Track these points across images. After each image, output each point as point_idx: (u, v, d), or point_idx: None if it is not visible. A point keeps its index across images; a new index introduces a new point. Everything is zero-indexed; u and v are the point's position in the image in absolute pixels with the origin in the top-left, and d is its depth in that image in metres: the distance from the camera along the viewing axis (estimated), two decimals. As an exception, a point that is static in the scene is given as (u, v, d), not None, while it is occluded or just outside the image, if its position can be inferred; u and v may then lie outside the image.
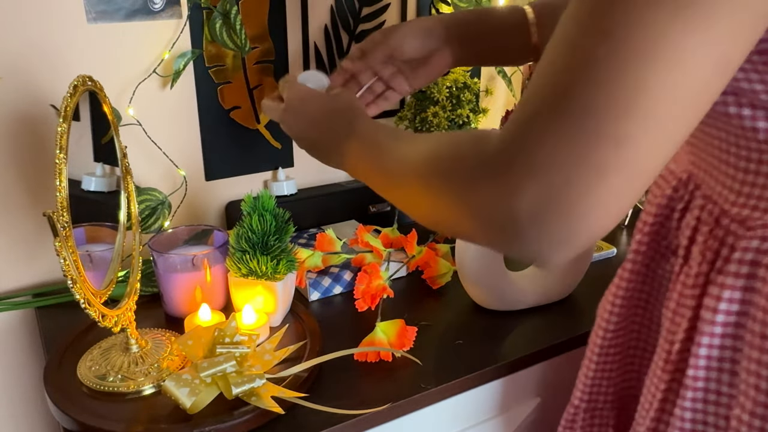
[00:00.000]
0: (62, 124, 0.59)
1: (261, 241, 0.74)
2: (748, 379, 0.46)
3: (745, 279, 0.46)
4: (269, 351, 0.71)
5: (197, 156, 0.97)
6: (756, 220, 0.45)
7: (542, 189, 0.35)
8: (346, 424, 0.64)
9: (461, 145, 0.42)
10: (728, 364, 0.48)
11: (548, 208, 0.36)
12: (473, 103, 1.08)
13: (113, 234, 0.73)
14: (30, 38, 0.81)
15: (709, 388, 0.50)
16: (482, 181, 0.39)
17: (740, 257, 0.46)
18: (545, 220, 0.36)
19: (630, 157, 0.34)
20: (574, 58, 0.34)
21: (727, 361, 0.48)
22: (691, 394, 0.50)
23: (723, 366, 0.49)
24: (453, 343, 0.78)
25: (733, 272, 0.46)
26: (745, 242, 0.45)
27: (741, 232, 0.46)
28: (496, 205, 0.38)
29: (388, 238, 0.93)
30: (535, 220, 0.36)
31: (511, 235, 0.38)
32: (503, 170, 0.37)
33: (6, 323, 0.90)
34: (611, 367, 0.62)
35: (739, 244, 0.46)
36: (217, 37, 0.90)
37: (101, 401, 0.65)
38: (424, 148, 0.47)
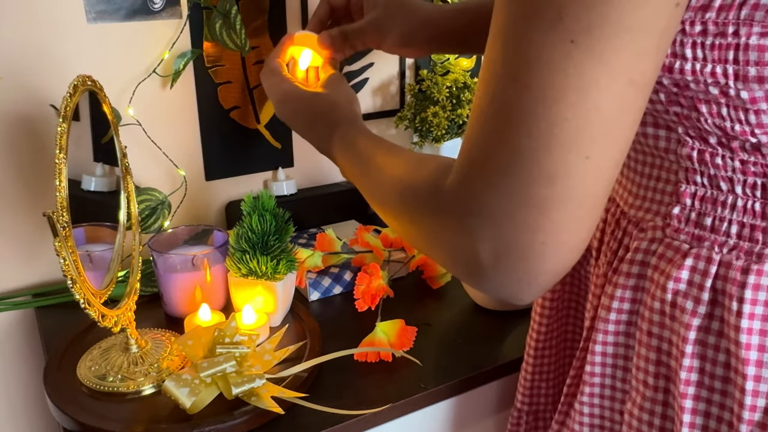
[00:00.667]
0: (62, 124, 0.59)
1: (261, 241, 0.74)
2: (637, 374, 0.48)
3: (635, 278, 0.48)
4: (269, 351, 0.71)
5: (197, 156, 0.97)
6: (648, 221, 0.47)
7: (496, 234, 0.37)
8: (346, 424, 0.64)
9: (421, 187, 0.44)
10: (621, 361, 0.51)
11: (506, 252, 0.37)
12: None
13: (113, 234, 0.73)
14: (30, 38, 0.81)
15: (605, 384, 0.52)
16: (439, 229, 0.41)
17: (631, 257, 0.48)
18: (506, 263, 0.37)
19: (565, 190, 0.35)
20: (493, 106, 0.36)
21: (621, 357, 0.51)
22: (589, 390, 0.53)
23: (617, 363, 0.51)
24: (453, 343, 0.78)
25: (625, 272, 0.48)
26: (637, 243, 0.48)
27: (635, 234, 0.48)
28: (461, 249, 0.39)
29: (388, 238, 0.93)
30: (497, 265, 0.38)
31: (480, 276, 0.39)
32: (459, 218, 0.39)
33: (6, 323, 0.90)
34: (548, 369, 0.64)
35: (632, 244, 0.48)
36: (217, 37, 0.90)
37: (101, 401, 0.65)
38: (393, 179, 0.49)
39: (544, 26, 0.33)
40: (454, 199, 0.39)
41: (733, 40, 0.36)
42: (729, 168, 0.42)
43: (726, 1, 0.36)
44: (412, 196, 0.45)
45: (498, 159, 0.36)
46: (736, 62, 0.37)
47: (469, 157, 0.38)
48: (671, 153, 0.45)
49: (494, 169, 0.36)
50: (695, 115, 0.41)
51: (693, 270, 0.44)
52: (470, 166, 0.38)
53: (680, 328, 0.45)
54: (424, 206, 0.43)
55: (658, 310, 0.46)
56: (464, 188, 0.38)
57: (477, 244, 0.38)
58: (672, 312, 0.45)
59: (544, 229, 0.36)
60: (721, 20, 0.37)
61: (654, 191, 0.47)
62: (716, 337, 0.44)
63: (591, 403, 0.53)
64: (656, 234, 0.46)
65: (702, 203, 0.44)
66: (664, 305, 0.46)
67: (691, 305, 0.44)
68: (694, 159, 0.43)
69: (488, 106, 0.36)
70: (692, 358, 0.45)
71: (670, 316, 0.46)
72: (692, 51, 0.38)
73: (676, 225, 0.45)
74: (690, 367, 0.45)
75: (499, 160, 0.36)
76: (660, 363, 0.47)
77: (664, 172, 0.46)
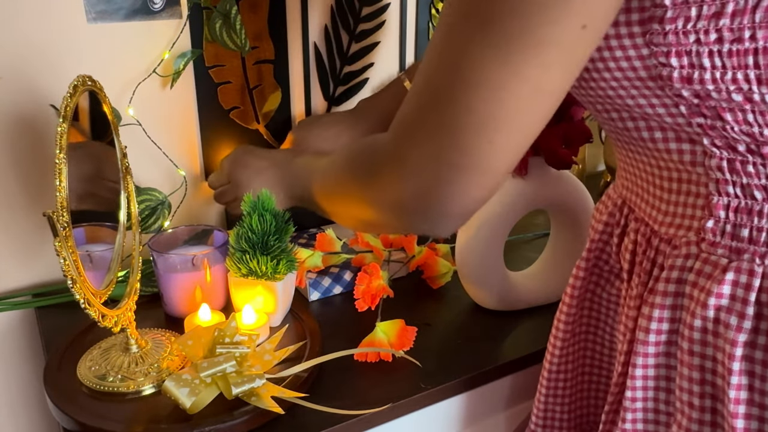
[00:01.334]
0: (62, 124, 0.59)
1: (261, 241, 0.74)
2: (681, 396, 0.47)
3: (673, 297, 0.46)
4: (269, 351, 0.71)
5: (197, 156, 0.97)
6: (681, 238, 0.46)
7: (417, 180, 0.44)
8: (346, 424, 0.64)
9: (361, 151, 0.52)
10: (663, 383, 0.49)
11: (426, 195, 0.44)
12: (473, 103, 1.08)
13: (113, 234, 0.73)
14: (30, 38, 0.81)
15: (647, 408, 0.50)
16: (375, 176, 0.48)
17: (667, 276, 0.47)
18: (422, 203, 0.45)
19: (471, 161, 0.41)
20: (428, 84, 0.42)
21: (663, 379, 0.49)
22: (631, 416, 0.50)
23: (659, 385, 0.49)
24: (453, 343, 0.78)
25: (661, 291, 0.47)
26: (671, 260, 0.46)
27: (669, 251, 0.47)
28: (390, 191, 0.46)
29: (388, 238, 0.93)
30: (416, 204, 0.45)
31: (402, 212, 0.47)
32: (388, 169, 0.46)
33: (6, 323, 0.90)
34: (563, 393, 0.63)
35: (666, 262, 0.47)
36: (217, 37, 0.90)
37: (101, 401, 0.65)
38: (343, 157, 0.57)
39: (472, 30, 0.38)
40: (388, 151, 0.46)
41: (750, 44, 0.36)
42: (762, 175, 0.41)
43: (739, 6, 0.36)
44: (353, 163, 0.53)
45: (426, 126, 0.43)
46: (757, 66, 0.37)
47: (404, 121, 0.45)
48: (698, 166, 0.44)
49: (422, 132, 0.43)
50: (720, 124, 0.40)
51: (735, 284, 0.43)
52: (404, 128, 0.45)
53: (725, 344, 0.43)
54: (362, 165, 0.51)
55: (699, 327, 0.45)
56: (397, 143, 0.45)
57: (402, 186, 0.45)
58: (715, 329, 0.44)
59: (459, 183, 0.42)
60: (736, 26, 0.36)
61: (684, 206, 0.47)
62: (764, 352, 0.43)
63: (634, 429, 0.51)
64: (691, 250, 0.45)
65: (737, 214, 0.43)
66: (706, 322, 0.44)
67: (735, 321, 0.43)
68: (724, 169, 0.42)
69: (425, 84, 0.43)
70: (740, 375, 0.43)
71: (714, 333, 0.44)
72: (710, 60, 0.38)
73: (712, 239, 0.44)
74: (738, 385, 0.43)
75: (426, 127, 0.43)
76: (705, 382, 0.46)
77: (693, 185, 0.46)
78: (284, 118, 1.01)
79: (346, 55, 1.05)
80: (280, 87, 0.99)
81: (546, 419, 0.64)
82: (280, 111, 1.01)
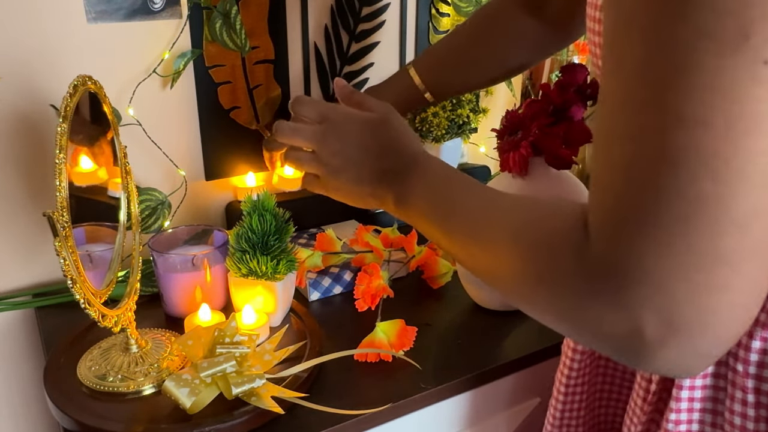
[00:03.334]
0: (62, 124, 0.59)
1: (261, 241, 0.74)
2: (732, 419, 0.44)
3: None
4: (269, 351, 0.71)
5: (197, 156, 0.97)
6: None
7: (667, 303, 0.31)
8: (346, 424, 0.64)
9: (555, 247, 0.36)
10: (710, 404, 0.46)
11: (682, 323, 0.31)
12: (473, 103, 1.08)
13: (113, 234, 0.73)
14: (30, 38, 0.81)
15: (692, 430, 0.47)
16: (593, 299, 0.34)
17: None
18: (681, 336, 0.32)
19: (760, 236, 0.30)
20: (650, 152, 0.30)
21: (709, 401, 0.46)
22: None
23: (706, 406, 0.46)
24: (453, 343, 0.78)
25: None
26: None
27: None
28: (615, 324, 0.33)
29: (388, 238, 0.93)
30: (668, 339, 0.32)
31: (641, 354, 0.33)
32: (613, 288, 0.32)
33: (6, 323, 0.90)
34: (579, 406, 0.60)
35: None
36: (217, 37, 0.90)
37: (101, 401, 0.65)
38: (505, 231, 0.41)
39: (723, 50, 0.27)
40: (604, 266, 0.33)
41: None
42: None
43: None
44: (542, 259, 0.37)
45: (666, 214, 0.30)
46: None
47: (616, 214, 0.32)
48: None
49: (660, 225, 0.30)
50: None
51: None
52: (623, 225, 0.32)
53: None
54: (558, 274, 0.35)
55: (758, 349, 0.41)
56: (618, 251, 0.32)
57: (640, 317, 0.32)
58: None
59: (734, 286, 0.30)
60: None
61: None
62: None
63: None
64: None
65: None
66: (766, 344, 0.41)
67: None
68: None
69: (640, 154, 0.30)
70: None
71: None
72: None
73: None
74: None
75: (667, 215, 0.30)
76: (760, 405, 0.43)
77: None
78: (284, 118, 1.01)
79: (346, 55, 1.05)
80: (280, 87, 0.99)
81: (561, 427, 0.62)
82: (280, 111, 1.01)
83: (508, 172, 0.76)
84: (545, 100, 0.74)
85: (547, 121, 0.72)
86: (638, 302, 0.32)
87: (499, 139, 0.78)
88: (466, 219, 0.46)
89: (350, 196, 0.60)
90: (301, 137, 0.61)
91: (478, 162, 1.22)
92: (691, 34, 0.28)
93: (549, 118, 0.73)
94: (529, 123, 0.74)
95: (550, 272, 0.36)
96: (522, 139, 0.74)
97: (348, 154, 0.58)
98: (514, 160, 0.74)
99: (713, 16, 0.27)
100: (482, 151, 1.24)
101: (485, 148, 1.23)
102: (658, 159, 0.30)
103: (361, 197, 0.59)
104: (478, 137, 1.19)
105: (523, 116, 0.75)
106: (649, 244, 0.31)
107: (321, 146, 0.59)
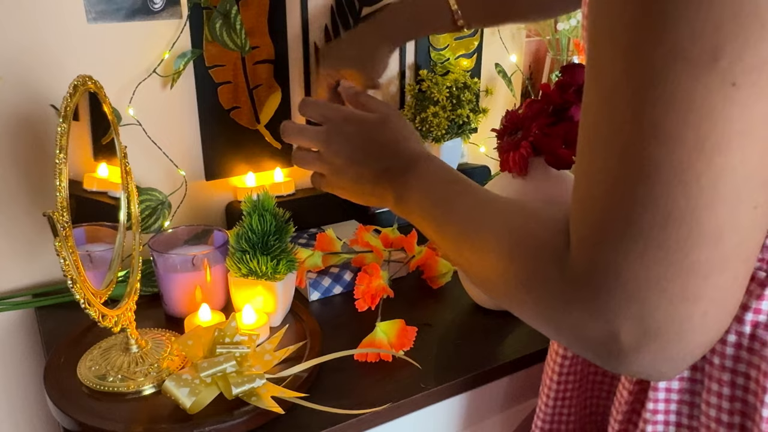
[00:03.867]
0: (62, 124, 0.59)
1: (261, 241, 0.74)
2: (708, 411, 0.45)
3: None
4: (269, 351, 0.71)
5: (197, 156, 0.97)
6: None
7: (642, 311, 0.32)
8: (346, 424, 0.64)
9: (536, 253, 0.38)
10: (687, 396, 0.47)
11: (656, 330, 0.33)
12: (473, 103, 1.08)
13: (113, 234, 0.73)
14: (30, 38, 0.81)
15: (669, 421, 0.48)
16: (572, 304, 0.35)
17: None
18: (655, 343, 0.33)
19: (732, 248, 0.31)
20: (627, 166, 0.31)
21: (687, 392, 0.47)
22: (651, 428, 0.49)
23: (683, 398, 0.47)
24: (453, 343, 0.78)
25: None
26: None
27: None
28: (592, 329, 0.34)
29: (388, 238, 0.93)
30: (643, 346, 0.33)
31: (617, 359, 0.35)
32: (590, 295, 0.34)
33: (6, 323, 0.90)
34: (570, 395, 0.61)
35: None
36: (217, 37, 0.90)
37: (101, 401, 0.65)
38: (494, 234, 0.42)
39: (696, 71, 0.28)
40: (583, 274, 0.34)
41: None
42: None
43: None
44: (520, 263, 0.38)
45: (642, 225, 0.31)
46: None
47: (595, 224, 0.33)
48: None
49: (637, 236, 0.31)
50: None
51: None
52: (600, 234, 0.33)
53: (761, 362, 0.42)
54: (540, 280, 0.37)
55: (733, 343, 0.42)
56: (596, 260, 0.33)
57: (616, 324, 0.33)
58: (750, 345, 0.42)
59: (707, 296, 0.31)
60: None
61: None
62: None
63: None
64: None
65: None
66: (741, 338, 0.42)
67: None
68: None
69: (619, 167, 0.31)
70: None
71: (748, 349, 0.42)
72: None
73: None
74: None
75: (643, 226, 0.31)
76: (735, 399, 0.44)
77: None
78: (284, 118, 1.01)
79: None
80: (280, 87, 0.99)
81: (552, 423, 0.63)
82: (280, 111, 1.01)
83: (508, 172, 0.76)
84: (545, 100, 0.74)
85: (547, 121, 0.72)
86: (614, 310, 0.33)
87: (499, 139, 0.78)
88: (459, 221, 0.47)
89: (353, 194, 0.61)
90: (306, 138, 0.62)
91: (478, 162, 1.22)
92: (667, 53, 0.29)
93: (549, 118, 0.73)
94: (529, 123, 0.74)
95: (531, 278, 0.38)
96: (522, 139, 0.74)
97: (349, 154, 0.59)
98: (514, 160, 0.74)
99: (687, 38, 0.28)
100: (482, 151, 1.24)
101: (485, 148, 1.24)
102: (634, 172, 0.31)
103: (364, 195, 0.60)
104: (478, 137, 1.19)
105: (523, 116, 0.75)
106: (626, 254, 0.32)
107: (324, 146, 0.61)
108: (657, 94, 0.29)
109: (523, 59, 1.23)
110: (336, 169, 0.61)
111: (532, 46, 1.24)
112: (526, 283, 0.38)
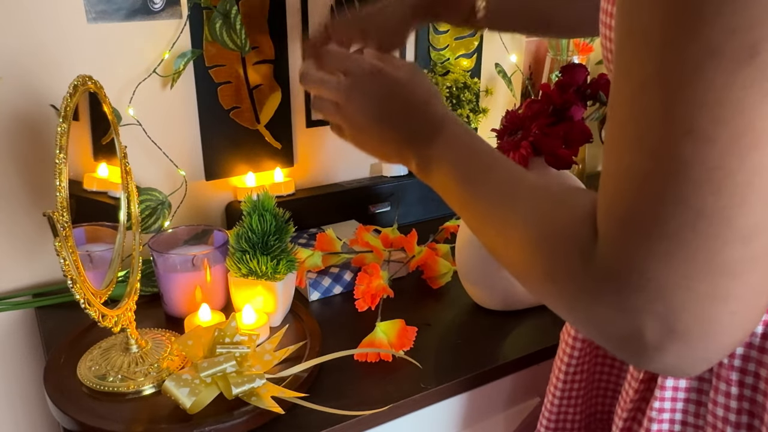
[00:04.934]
0: (62, 124, 0.59)
1: (261, 241, 0.74)
2: (715, 410, 0.45)
3: None
4: (269, 351, 0.71)
5: (197, 156, 0.97)
6: None
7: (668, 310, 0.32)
8: (346, 424, 0.64)
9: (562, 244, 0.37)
10: (695, 395, 0.47)
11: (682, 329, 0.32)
12: (473, 103, 1.08)
13: (113, 234, 0.73)
14: (30, 38, 0.81)
15: (675, 419, 0.48)
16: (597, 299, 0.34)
17: None
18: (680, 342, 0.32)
19: (763, 247, 0.30)
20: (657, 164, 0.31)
21: (694, 391, 0.47)
22: (657, 427, 0.48)
23: (690, 397, 0.47)
24: (453, 343, 0.78)
25: None
26: None
27: None
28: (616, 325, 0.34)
29: (388, 238, 0.93)
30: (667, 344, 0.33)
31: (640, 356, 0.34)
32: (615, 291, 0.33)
33: (6, 323, 0.90)
34: (577, 394, 0.60)
35: None
36: (217, 37, 0.90)
37: (101, 401, 0.65)
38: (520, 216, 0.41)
39: (732, 66, 0.28)
40: (608, 270, 0.33)
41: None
42: None
43: None
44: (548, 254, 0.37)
45: (671, 224, 0.30)
46: None
47: (623, 221, 0.32)
48: None
49: (665, 235, 0.31)
50: None
51: None
52: (628, 231, 0.32)
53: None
54: (564, 271, 0.36)
55: (744, 342, 0.43)
56: (621, 257, 0.32)
57: (640, 322, 0.32)
58: (762, 344, 0.42)
59: (736, 296, 0.31)
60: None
61: None
62: None
63: None
64: None
65: None
66: (753, 337, 0.42)
67: None
68: None
69: (649, 164, 0.31)
70: None
71: (759, 349, 0.42)
72: None
73: None
74: None
75: (672, 225, 0.30)
76: (743, 398, 0.44)
77: None
78: (284, 118, 1.01)
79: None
80: (280, 87, 0.99)
81: (558, 421, 0.62)
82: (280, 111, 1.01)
83: (508, 172, 0.76)
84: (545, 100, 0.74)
85: (547, 121, 0.72)
86: (639, 307, 0.32)
87: (499, 139, 0.78)
88: (485, 196, 0.46)
89: (374, 152, 0.59)
90: (327, 89, 0.59)
91: (478, 162, 1.22)
92: (702, 50, 0.28)
93: (549, 118, 0.73)
94: (529, 123, 0.74)
95: (556, 267, 0.37)
96: (522, 139, 0.74)
97: (372, 113, 0.56)
98: (514, 160, 0.74)
99: (722, 34, 0.28)
100: (482, 151, 1.24)
101: (485, 148, 1.23)
102: (664, 170, 0.30)
103: (385, 155, 0.58)
104: (478, 137, 1.19)
105: (523, 116, 0.75)
106: (653, 251, 0.31)
107: (346, 101, 0.58)
108: (690, 91, 0.29)
109: (523, 59, 1.23)
110: (357, 126, 0.58)
111: (532, 46, 1.24)
112: (549, 272, 0.37)
